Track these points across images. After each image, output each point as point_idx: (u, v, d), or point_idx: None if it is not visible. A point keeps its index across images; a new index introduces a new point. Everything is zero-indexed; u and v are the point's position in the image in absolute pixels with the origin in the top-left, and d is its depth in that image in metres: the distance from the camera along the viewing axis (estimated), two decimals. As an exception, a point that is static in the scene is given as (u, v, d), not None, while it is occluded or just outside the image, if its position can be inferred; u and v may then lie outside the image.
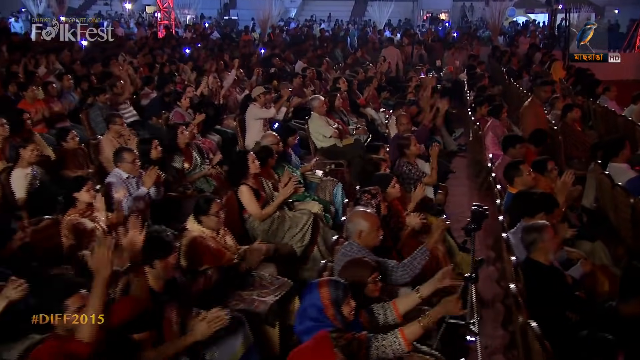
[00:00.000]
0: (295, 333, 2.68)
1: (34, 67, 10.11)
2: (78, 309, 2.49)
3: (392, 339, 2.52)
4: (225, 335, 3.13)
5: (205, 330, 2.81)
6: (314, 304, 2.59)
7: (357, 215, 3.41)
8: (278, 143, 5.55)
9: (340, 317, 2.57)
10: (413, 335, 2.57)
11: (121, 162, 4.67)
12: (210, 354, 3.14)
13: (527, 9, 29.97)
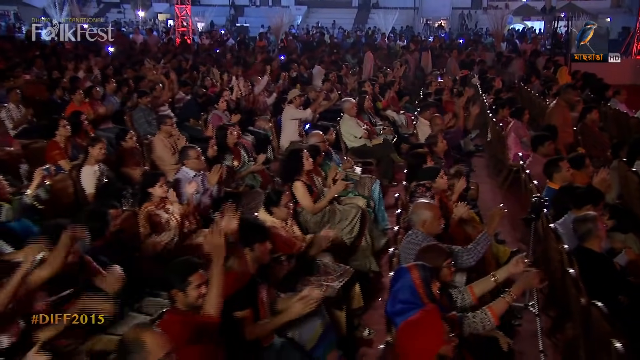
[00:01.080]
0: (388, 314, 2.85)
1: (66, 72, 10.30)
2: (198, 285, 2.68)
3: (482, 316, 2.71)
4: (306, 315, 3.31)
5: (301, 309, 2.99)
6: (406, 285, 2.76)
7: (421, 206, 3.59)
8: (324, 142, 5.73)
9: (431, 295, 2.74)
10: (500, 311, 2.76)
11: (187, 159, 4.84)
12: (292, 333, 3.32)
13: (523, 16, 30.30)
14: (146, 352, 2.10)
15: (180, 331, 2.59)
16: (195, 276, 2.67)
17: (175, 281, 2.67)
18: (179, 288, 2.67)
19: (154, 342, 2.12)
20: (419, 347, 2.25)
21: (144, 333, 2.16)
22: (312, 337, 3.36)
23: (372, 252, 5.06)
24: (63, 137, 5.87)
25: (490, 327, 2.74)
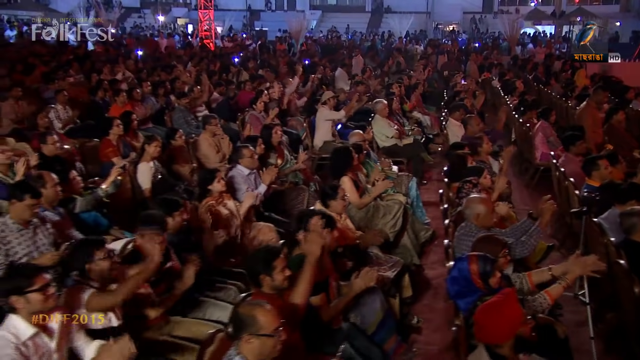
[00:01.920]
0: (450, 297, 2.99)
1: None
2: (282, 269, 2.84)
3: (541, 300, 2.85)
4: (367, 300, 3.47)
5: (362, 284, 3.15)
6: (462, 275, 2.91)
7: (474, 201, 3.73)
8: (364, 141, 5.88)
9: (487, 287, 2.88)
10: (556, 295, 2.91)
11: (241, 158, 5.01)
12: (354, 317, 3.47)
13: (534, 21, 30.28)
14: (258, 326, 2.27)
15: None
16: (278, 261, 2.84)
17: (262, 267, 2.84)
18: (266, 273, 2.83)
19: (266, 317, 2.29)
20: (498, 328, 2.39)
21: (257, 309, 2.32)
22: (373, 322, 3.52)
23: (413, 246, 5.21)
24: (116, 135, 6.07)
25: (546, 306, 2.89)
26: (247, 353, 2.26)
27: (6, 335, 2.42)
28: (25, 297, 2.45)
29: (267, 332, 2.27)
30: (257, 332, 2.26)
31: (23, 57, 12.87)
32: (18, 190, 3.52)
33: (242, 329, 2.29)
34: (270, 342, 2.27)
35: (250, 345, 2.26)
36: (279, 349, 2.29)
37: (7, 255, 3.44)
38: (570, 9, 31.37)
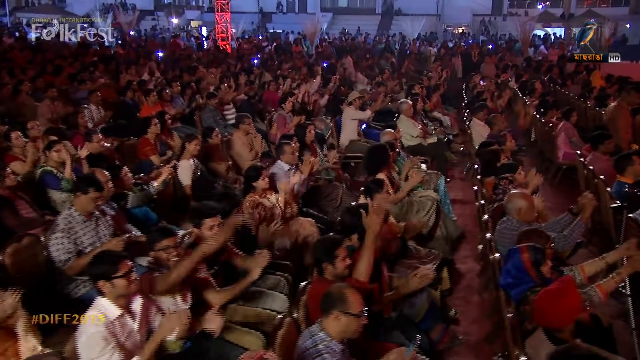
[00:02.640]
0: (501, 286, 3.11)
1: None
2: (343, 258, 2.97)
3: (592, 293, 2.96)
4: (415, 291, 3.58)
5: (418, 284, 3.27)
6: (516, 266, 3.02)
7: (516, 196, 3.85)
8: (396, 139, 6.00)
9: (540, 276, 2.99)
10: (608, 289, 3.00)
11: (283, 154, 5.15)
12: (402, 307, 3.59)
13: (544, 23, 30.28)
14: (348, 305, 2.41)
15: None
16: (340, 250, 2.97)
17: (325, 255, 2.97)
18: (328, 261, 2.97)
19: (354, 298, 2.43)
20: (560, 313, 2.50)
21: (347, 290, 2.47)
22: (419, 311, 3.64)
23: (445, 241, 5.32)
24: (153, 134, 6.23)
25: (598, 299, 2.99)
26: (331, 330, 2.41)
27: (97, 315, 2.56)
28: (112, 282, 2.60)
29: (354, 312, 2.41)
30: (346, 311, 2.40)
31: (49, 59, 13.10)
32: (83, 184, 3.67)
33: (332, 306, 2.43)
34: (355, 322, 2.43)
35: (337, 322, 2.41)
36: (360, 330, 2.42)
37: (76, 244, 3.60)
38: (580, 11, 31.38)
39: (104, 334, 2.53)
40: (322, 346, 2.42)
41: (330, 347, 2.42)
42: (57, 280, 3.64)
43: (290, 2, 36.36)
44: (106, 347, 2.51)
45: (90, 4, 32.69)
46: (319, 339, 2.44)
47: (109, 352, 2.52)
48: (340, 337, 2.46)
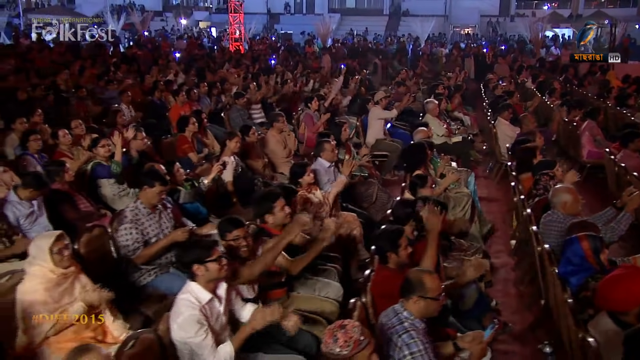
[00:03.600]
0: (560, 274, 3.28)
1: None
2: (405, 247, 3.15)
3: None
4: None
5: (474, 273, 3.44)
6: (576, 254, 3.20)
7: (561, 190, 4.03)
8: (429, 137, 6.18)
9: (599, 262, 3.17)
10: None
11: (323, 152, 5.33)
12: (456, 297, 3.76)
13: (552, 24, 30.45)
14: (426, 290, 2.59)
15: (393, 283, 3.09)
16: (403, 239, 3.16)
17: (389, 245, 3.16)
18: (392, 250, 3.15)
19: (432, 283, 2.62)
20: (625, 298, 2.66)
21: (425, 275, 2.65)
22: (469, 300, 3.81)
23: (480, 235, 5.50)
24: (191, 132, 6.42)
25: None
26: (413, 310, 2.60)
27: (190, 298, 2.78)
28: (205, 265, 2.79)
29: (432, 295, 2.60)
30: (424, 295, 2.59)
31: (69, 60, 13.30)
32: (149, 178, 3.86)
33: (411, 291, 2.62)
34: (433, 304, 2.61)
35: (417, 305, 2.60)
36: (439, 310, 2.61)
37: (142, 235, 3.79)
38: (587, 12, 31.52)
39: (199, 317, 2.72)
40: (407, 324, 2.61)
41: (414, 325, 2.62)
42: (124, 269, 3.82)
43: (297, 3, 36.59)
44: (201, 328, 2.71)
45: (100, 5, 33.02)
46: (403, 317, 2.64)
47: (204, 333, 2.71)
48: (421, 316, 2.65)
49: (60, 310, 3.01)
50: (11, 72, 9.75)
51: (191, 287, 2.81)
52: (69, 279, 3.11)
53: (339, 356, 2.23)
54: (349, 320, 2.40)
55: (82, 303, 3.02)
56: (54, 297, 3.01)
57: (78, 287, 3.14)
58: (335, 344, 2.25)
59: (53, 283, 3.02)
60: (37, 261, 3.02)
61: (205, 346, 2.70)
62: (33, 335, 2.94)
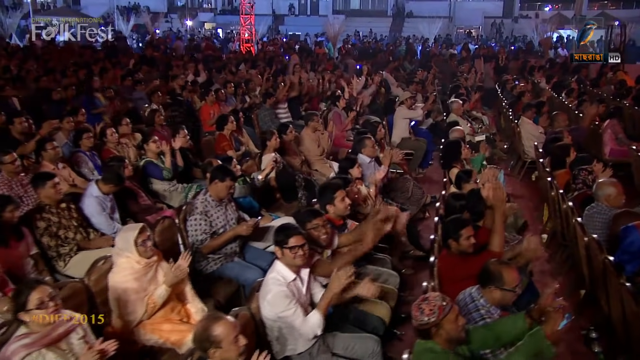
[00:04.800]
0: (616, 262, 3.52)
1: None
2: (467, 237, 3.39)
3: None
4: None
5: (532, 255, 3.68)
6: (633, 242, 3.44)
7: (605, 183, 4.28)
8: (463, 136, 6.42)
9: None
10: None
11: (364, 147, 5.58)
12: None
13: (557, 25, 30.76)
14: (503, 281, 2.84)
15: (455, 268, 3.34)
16: (465, 230, 3.39)
17: (451, 233, 3.40)
18: (453, 238, 3.39)
19: (509, 276, 2.86)
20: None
21: (504, 267, 2.90)
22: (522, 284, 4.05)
23: (514, 228, 5.74)
24: (229, 130, 6.66)
25: None
26: (489, 298, 2.84)
27: (277, 277, 3.05)
28: (282, 250, 3.04)
29: (509, 287, 2.83)
30: (501, 287, 2.82)
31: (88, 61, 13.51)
32: (220, 173, 4.10)
33: (489, 281, 2.86)
34: (509, 295, 2.85)
35: (493, 295, 2.85)
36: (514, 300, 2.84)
37: (211, 225, 4.03)
38: (591, 13, 31.86)
39: (286, 292, 2.97)
40: (484, 311, 2.86)
41: (490, 312, 2.86)
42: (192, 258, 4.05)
43: (302, 4, 36.86)
44: (290, 302, 2.96)
45: (105, 7, 33.28)
46: (480, 305, 2.88)
47: (294, 306, 2.97)
48: (497, 304, 2.88)
49: (148, 296, 3.25)
50: (42, 74, 9.97)
51: (278, 267, 3.07)
52: (153, 267, 3.34)
53: (429, 324, 2.46)
54: (430, 292, 2.63)
55: (165, 286, 3.25)
56: (142, 285, 3.24)
57: (161, 273, 3.37)
58: (422, 314, 2.49)
59: (141, 273, 3.26)
60: (124, 252, 3.25)
61: (297, 317, 2.96)
62: (129, 320, 3.17)
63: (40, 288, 2.51)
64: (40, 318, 2.47)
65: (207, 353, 2.33)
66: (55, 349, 2.52)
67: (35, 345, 2.45)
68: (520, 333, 2.65)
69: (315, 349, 3.07)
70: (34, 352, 2.44)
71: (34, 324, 2.51)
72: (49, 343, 2.50)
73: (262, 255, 4.40)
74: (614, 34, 16.86)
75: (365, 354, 3.15)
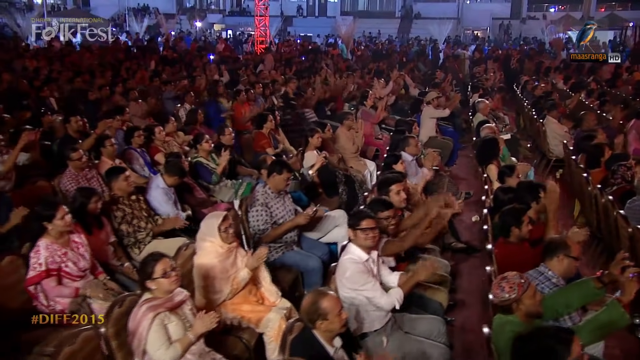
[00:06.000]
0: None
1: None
2: (527, 224, 3.65)
3: None
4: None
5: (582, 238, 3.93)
6: None
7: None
8: (495, 133, 6.68)
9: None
10: None
11: (408, 146, 5.84)
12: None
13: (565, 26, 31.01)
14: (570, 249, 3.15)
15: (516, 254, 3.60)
16: (526, 217, 3.66)
17: (513, 220, 3.67)
18: (516, 225, 3.66)
19: (573, 244, 3.13)
20: None
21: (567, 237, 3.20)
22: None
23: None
24: (268, 129, 6.93)
25: None
26: (556, 269, 3.10)
27: (352, 257, 3.33)
28: (355, 232, 3.31)
29: (574, 255, 3.11)
30: (568, 254, 3.10)
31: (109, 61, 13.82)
32: (278, 166, 4.37)
33: (557, 250, 3.13)
34: (573, 263, 3.12)
35: (561, 264, 3.11)
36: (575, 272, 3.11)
37: (271, 216, 4.30)
38: (599, 14, 32.11)
39: (362, 268, 3.25)
40: (555, 280, 3.13)
41: (560, 281, 3.13)
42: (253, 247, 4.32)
43: (310, 5, 37.19)
44: (368, 277, 3.25)
45: (114, 8, 33.65)
46: (549, 275, 3.15)
47: (372, 280, 3.25)
48: (563, 275, 3.15)
49: (231, 278, 3.52)
50: (73, 75, 10.27)
51: (352, 249, 3.34)
52: (233, 252, 3.61)
53: (509, 300, 2.73)
54: (507, 272, 2.89)
55: (247, 270, 3.52)
56: (226, 268, 3.51)
57: (240, 259, 3.63)
58: (503, 292, 2.75)
59: (224, 256, 3.53)
60: (208, 237, 3.52)
61: (377, 290, 3.24)
62: (213, 299, 3.44)
63: (163, 260, 2.84)
64: (166, 283, 2.81)
65: (315, 324, 2.60)
66: (175, 313, 2.82)
67: (160, 307, 2.77)
68: (590, 296, 2.91)
69: (389, 326, 3.33)
70: (161, 313, 2.74)
71: (157, 291, 2.84)
72: (170, 308, 2.83)
73: (317, 245, 4.68)
74: (628, 35, 17.20)
75: (432, 334, 3.40)
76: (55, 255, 3.35)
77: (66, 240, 3.47)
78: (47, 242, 3.38)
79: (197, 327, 2.84)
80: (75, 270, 3.40)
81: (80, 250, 3.49)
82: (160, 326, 2.78)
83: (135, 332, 2.76)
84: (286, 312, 3.55)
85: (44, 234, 3.39)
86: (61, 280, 3.37)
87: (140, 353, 2.78)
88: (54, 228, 3.38)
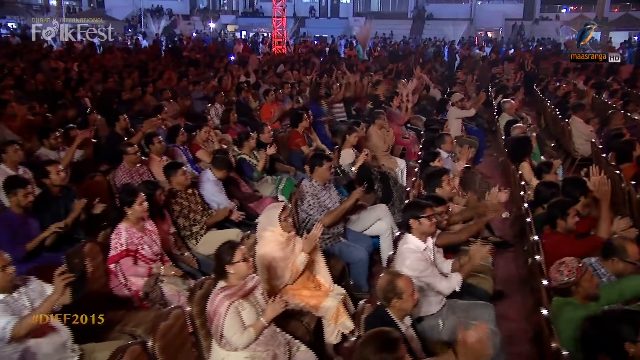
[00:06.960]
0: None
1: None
2: (573, 216, 3.84)
3: None
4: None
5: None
6: None
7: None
8: (525, 132, 6.87)
9: None
10: None
11: (444, 143, 6.05)
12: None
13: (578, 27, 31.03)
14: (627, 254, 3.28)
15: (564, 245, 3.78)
16: (572, 209, 3.84)
17: (560, 212, 3.85)
18: (562, 217, 3.84)
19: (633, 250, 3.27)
20: None
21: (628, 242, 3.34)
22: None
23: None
24: (303, 127, 7.15)
25: None
26: (609, 269, 3.28)
27: (410, 246, 3.54)
28: (419, 220, 3.51)
29: (632, 260, 3.27)
30: (624, 259, 3.26)
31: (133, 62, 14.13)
32: (318, 159, 4.61)
33: (614, 253, 3.29)
34: (630, 267, 3.27)
35: (615, 266, 3.28)
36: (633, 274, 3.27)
37: (320, 206, 4.53)
38: (613, 15, 32.10)
39: (422, 257, 3.45)
40: (605, 279, 3.29)
41: (611, 280, 3.30)
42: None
43: (322, 6, 37.43)
44: (427, 264, 3.46)
45: (129, 9, 34.10)
46: (601, 273, 3.32)
47: (431, 266, 3.47)
48: (617, 275, 3.32)
49: (290, 264, 3.74)
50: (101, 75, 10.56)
51: (409, 239, 3.55)
52: (292, 240, 3.84)
53: (568, 283, 2.93)
54: (565, 257, 3.08)
55: (304, 254, 3.74)
56: (286, 255, 3.74)
57: (298, 246, 3.86)
58: (562, 275, 2.95)
59: (284, 244, 3.76)
60: (269, 227, 3.75)
61: (436, 275, 3.46)
62: (276, 284, 3.67)
63: (240, 247, 3.06)
64: (245, 267, 3.03)
65: (390, 302, 2.81)
66: (247, 299, 3.04)
67: (235, 295, 2.98)
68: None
69: (444, 311, 3.54)
70: (236, 300, 2.95)
71: (234, 276, 3.05)
72: (244, 294, 3.03)
73: (361, 237, 4.90)
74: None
75: (482, 319, 3.59)
76: (133, 237, 3.61)
77: (141, 226, 3.73)
78: (127, 226, 3.64)
79: (269, 312, 3.06)
80: (149, 253, 3.65)
81: (153, 236, 3.74)
82: (235, 313, 2.98)
83: (213, 318, 2.98)
84: (342, 297, 3.77)
85: (123, 219, 3.64)
86: (137, 262, 3.62)
87: (218, 337, 3.01)
88: (133, 213, 3.64)
